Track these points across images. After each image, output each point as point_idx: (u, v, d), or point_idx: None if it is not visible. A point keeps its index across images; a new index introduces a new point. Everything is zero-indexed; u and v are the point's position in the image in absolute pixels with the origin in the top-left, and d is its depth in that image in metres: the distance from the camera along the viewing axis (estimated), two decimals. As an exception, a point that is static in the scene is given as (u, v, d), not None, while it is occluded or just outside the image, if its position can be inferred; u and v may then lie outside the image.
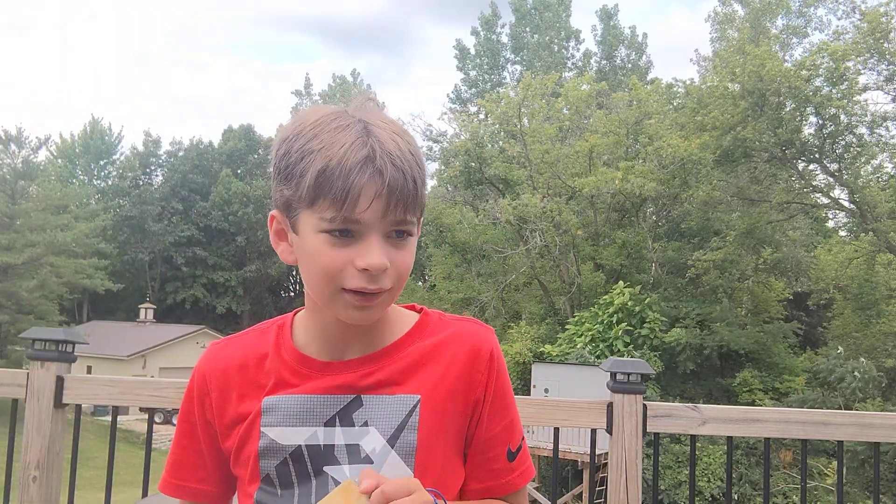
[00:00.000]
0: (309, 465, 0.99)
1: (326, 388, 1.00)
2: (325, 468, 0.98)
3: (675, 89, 28.43)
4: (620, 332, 21.45)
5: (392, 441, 0.99)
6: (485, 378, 1.05)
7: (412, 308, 1.12)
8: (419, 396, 1.01)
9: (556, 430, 2.47)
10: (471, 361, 1.04)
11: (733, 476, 9.18)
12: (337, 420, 1.00)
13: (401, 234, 0.95)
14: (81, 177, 47.74)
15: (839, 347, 20.55)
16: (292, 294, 52.21)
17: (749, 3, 27.83)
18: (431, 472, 1.00)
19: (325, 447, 0.99)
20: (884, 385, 18.80)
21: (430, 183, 31.22)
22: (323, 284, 0.95)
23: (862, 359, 18.82)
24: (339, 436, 0.99)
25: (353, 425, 1.00)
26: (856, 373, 17.95)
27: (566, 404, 2.40)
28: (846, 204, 23.84)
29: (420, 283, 35.56)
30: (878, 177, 23.94)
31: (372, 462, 0.99)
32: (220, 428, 1.06)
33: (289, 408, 1.00)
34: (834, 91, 21.17)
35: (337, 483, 0.97)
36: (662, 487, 17.66)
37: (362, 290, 0.93)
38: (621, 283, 22.99)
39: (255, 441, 1.01)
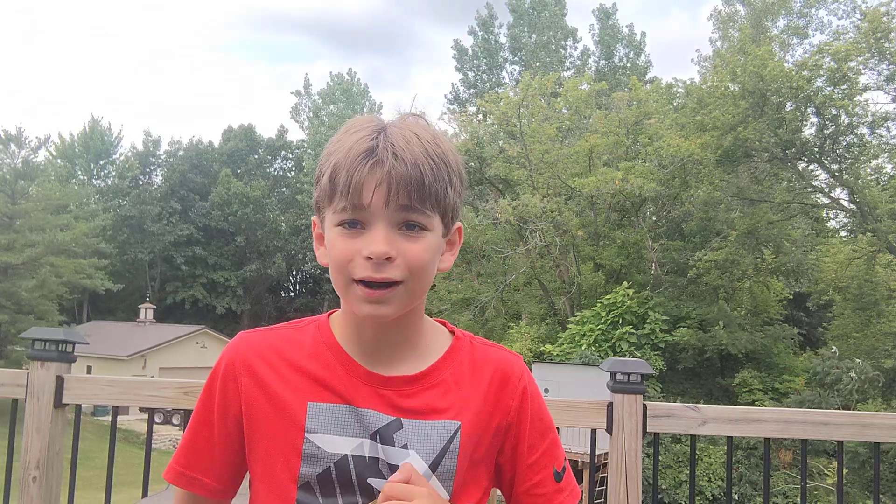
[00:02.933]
0: (354, 476, 0.98)
1: (370, 402, 1.00)
2: (370, 480, 0.98)
3: (674, 89, 28.43)
4: (626, 332, 21.48)
5: (434, 466, 1.00)
6: (516, 404, 1.06)
7: (443, 324, 1.12)
8: (459, 423, 1.02)
9: (556, 430, 2.47)
10: (502, 388, 1.06)
11: (733, 476, 9.16)
12: (378, 436, 0.99)
13: (412, 226, 0.96)
14: (81, 177, 47.73)
15: (833, 347, 20.55)
16: (292, 294, 52.20)
17: (751, 3, 27.82)
18: (465, 497, 1.03)
19: (370, 459, 0.99)
20: (882, 385, 18.79)
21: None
22: (337, 275, 0.98)
23: (857, 360, 18.81)
24: (381, 451, 0.99)
25: (394, 445, 0.99)
26: (852, 373, 17.94)
27: (566, 404, 2.40)
28: (846, 204, 23.85)
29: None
30: (879, 177, 23.94)
31: None
32: (246, 415, 1.03)
33: (336, 416, 1.00)
34: (835, 91, 21.17)
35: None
36: (663, 487, 17.65)
37: (369, 280, 0.95)
38: (624, 283, 23.00)
39: (295, 445, 0.99)
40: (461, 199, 1.04)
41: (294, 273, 51.40)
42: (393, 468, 0.97)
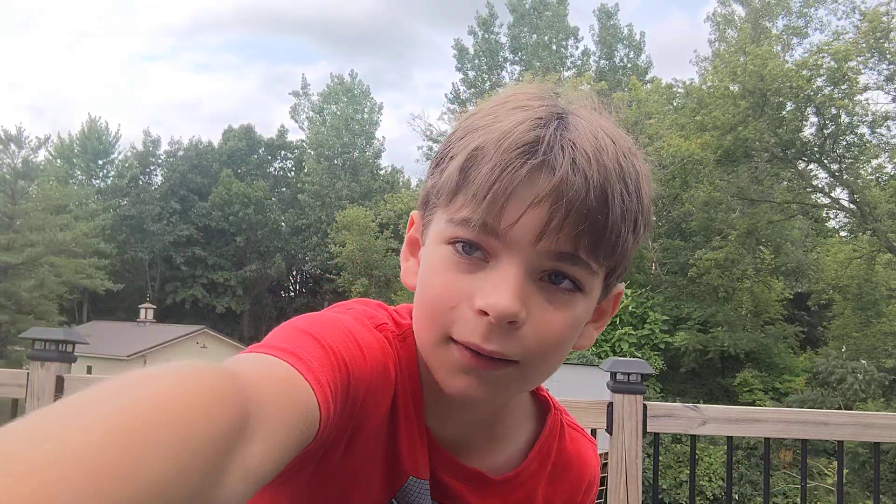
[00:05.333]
0: None
1: (454, 499, 0.75)
2: None
3: (674, 89, 28.43)
4: (625, 333, 21.50)
5: None
6: (589, 499, 0.87)
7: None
8: None
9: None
10: (578, 491, 0.85)
11: (734, 476, 9.18)
12: None
13: (559, 278, 0.63)
14: (80, 177, 47.75)
15: (843, 347, 20.55)
16: (292, 294, 52.20)
17: (749, 3, 27.84)
18: None
19: None
20: (886, 385, 18.80)
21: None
22: (428, 325, 0.65)
23: (863, 360, 18.82)
24: None
25: None
26: (857, 373, 17.96)
27: (566, 404, 2.37)
28: (846, 204, 23.86)
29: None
30: (878, 177, 23.95)
31: None
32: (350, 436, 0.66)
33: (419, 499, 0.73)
34: (835, 91, 21.18)
35: None
36: (664, 487, 17.65)
37: (472, 347, 0.62)
38: (622, 284, 23.01)
39: None
40: (636, 251, 0.70)
41: (294, 273, 51.41)
42: None
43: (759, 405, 19.79)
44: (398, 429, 0.69)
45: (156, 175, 49.71)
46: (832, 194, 24.26)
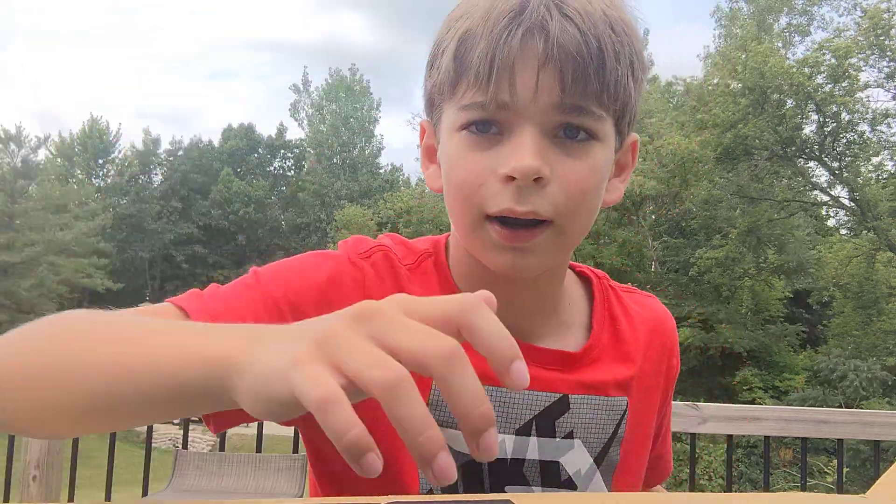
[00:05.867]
0: (486, 481, 0.71)
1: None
2: (508, 488, 0.71)
3: (674, 87, 28.40)
4: None
5: (599, 460, 0.76)
6: (676, 363, 0.86)
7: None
8: (627, 399, 0.78)
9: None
10: (661, 352, 0.84)
11: (734, 474, 9.18)
12: (534, 426, 0.72)
13: (573, 131, 0.66)
14: (80, 176, 47.75)
15: (850, 346, 20.56)
16: (292, 293, 52.25)
17: (754, 1, 27.83)
18: (624, 487, 0.79)
19: (512, 462, 0.72)
20: (887, 383, 18.81)
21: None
22: (459, 207, 0.68)
23: (869, 359, 18.83)
24: (532, 448, 0.73)
25: (554, 436, 0.73)
26: (858, 371, 17.97)
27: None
28: (846, 202, 23.86)
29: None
30: (879, 175, 23.94)
31: (575, 487, 0.73)
32: None
33: None
34: (836, 88, 21.16)
35: None
36: (664, 486, 17.66)
37: (508, 215, 0.65)
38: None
39: None
40: (640, 98, 0.71)
41: (294, 272, 51.55)
42: (547, 467, 0.72)
43: (760, 403, 19.79)
44: None
45: (156, 174, 49.73)
46: (832, 192, 24.27)
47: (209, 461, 4.11)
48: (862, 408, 16.92)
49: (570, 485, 0.73)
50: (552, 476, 0.73)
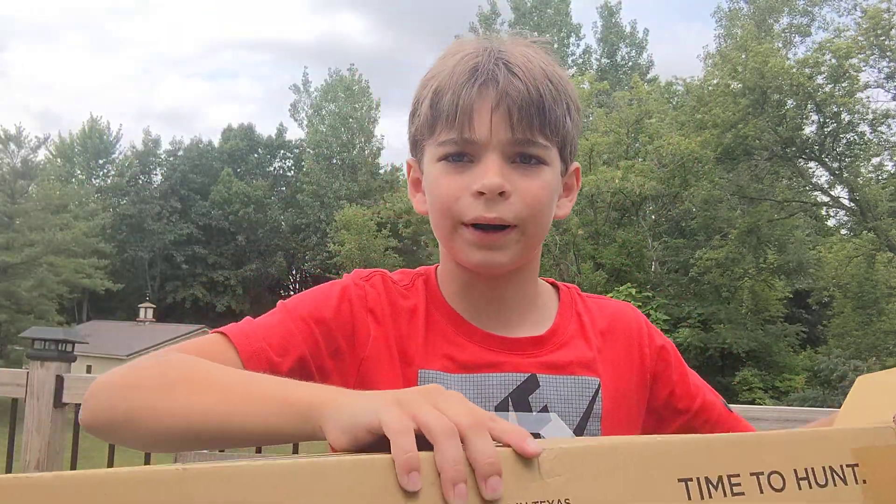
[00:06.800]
0: None
1: (493, 365, 0.87)
2: None
3: (674, 87, 28.41)
4: None
5: (579, 431, 0.87)
6: (654, 342, 0.97)
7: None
8: (599, 380, 0.90)
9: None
10: (629, 333, 0.96)
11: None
12: (510, 403, 0.85)
13: (527, 158, 0.84)
14: (80, 176, 47.76)
15: (850, 346, 20.55)
16: (292, 292, 52.18)
17: (754, 1, 27.82)
18: None
19: None
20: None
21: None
22: (441, 219, 0.86)
23: (867, 360, 18.82)
24: (512, 422, 0.79)
25: (531, 410, 0.86)
26: (858, 372, 17.98)
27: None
28: (846, 202, 23.86)
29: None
30: (879, 175, 23.95)
31: None
32: (351, 357, 0.86)
33: (453, 385, 0.85)
34: (836, 88, 21.16)
35: None
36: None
37: (480, 221, 0.82)
38: (628, 284, 23.00)
39: None
40: (578, 133, 0.91)
41: (294, 272, 51.45)
42: None
43: (759, 404, 19.79)
44: (403, 339, 0.88)
45: (156, 174, 49.74)
46: (832, 192, 24.26)
47: (209, 461, 4.11)
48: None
49: None
50: None
